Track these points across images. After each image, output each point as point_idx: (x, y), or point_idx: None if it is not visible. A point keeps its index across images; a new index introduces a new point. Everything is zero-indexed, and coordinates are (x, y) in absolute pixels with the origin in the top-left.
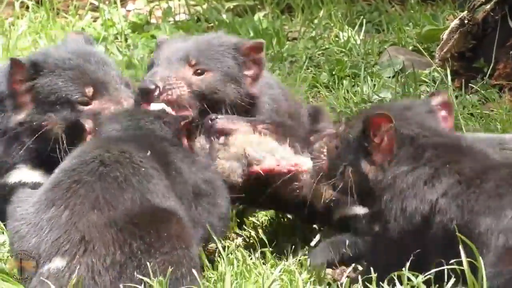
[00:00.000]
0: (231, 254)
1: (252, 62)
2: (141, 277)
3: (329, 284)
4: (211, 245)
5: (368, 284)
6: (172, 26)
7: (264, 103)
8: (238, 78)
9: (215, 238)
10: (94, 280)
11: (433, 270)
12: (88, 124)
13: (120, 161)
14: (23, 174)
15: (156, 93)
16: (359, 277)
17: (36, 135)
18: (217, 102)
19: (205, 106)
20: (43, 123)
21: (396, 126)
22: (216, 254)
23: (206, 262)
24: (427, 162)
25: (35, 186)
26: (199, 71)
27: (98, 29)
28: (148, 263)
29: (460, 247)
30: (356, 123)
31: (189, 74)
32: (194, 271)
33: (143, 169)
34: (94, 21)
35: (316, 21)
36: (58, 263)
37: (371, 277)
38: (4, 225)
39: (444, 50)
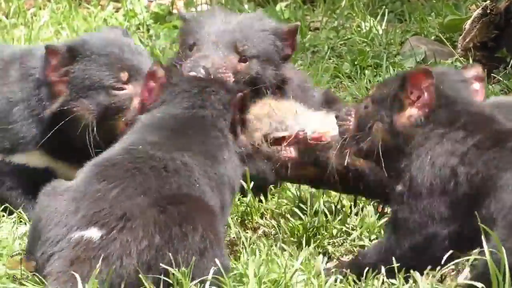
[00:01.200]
0: (253, 244)
1: (288, 45)
2: (164, 266)
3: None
4: (233, 235)
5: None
6: None
7: (292, 84)
8: (276, 62)
9: (237, 229)
10: (122, 260)
11: (454, 262)
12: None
13: (180, 173)
14: (30, 157)
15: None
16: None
17: (65, 120)
18: (257, 85)
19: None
20: (74, 109)
21: (436, 84)
22: (240, 244)
23: (227, 252)
24: (462, 128)
25: (35, 171)
26: (244, 57)
27: (120, 20)
28: (181, 251)
29: (483, 238)
30: (390, 81)
31: (235, 61)
32: (218, 262)
33: (198, 185)
34: (116, 11)
35: (338, 11)
36: (94, 233)
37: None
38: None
39: (467, 40)
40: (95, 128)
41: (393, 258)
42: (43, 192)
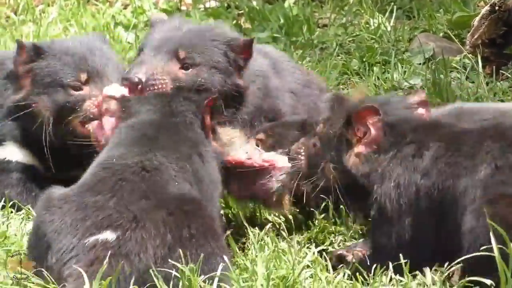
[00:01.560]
0: (261, 240)
1: (242, 57)
2: (173, 262)
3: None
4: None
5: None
6: (202, 13)
7: (252, 93)
8: (226, 70)
9: (246, 224)
10: (139, 257)
11: (460, 259)
12: (92, 128)
13: (159, 168)
14: (8, 151)
15: (139, 86)
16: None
17: (22, 113)
18: (203, 92)
19: None
20: (33, 104)
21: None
22: (248, 241)
23: (236, 248)
24: (410, 143)
25: (17, 165)
26: (186, 65)
27: (128, 16)
28: (188, 252)
29: (491, 234)
30: (335, 119)
31: (175, 68)
32: (226, 259)
33: (177, 183)
34: (125, 8)
35: (346, 7)
36: (108, 235)
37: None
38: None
39: (475, 37)
40: (51, 125)
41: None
42: (40, 206)
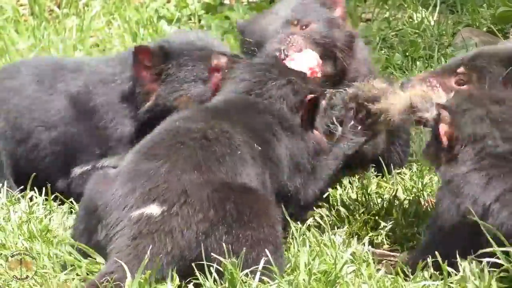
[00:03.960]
0: (304, 235)
1: (335, 5)
2: (215, 256)
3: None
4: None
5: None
6: (246, 7)
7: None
8: (335, 22)
9: (288, 218)
10: (182, 233)
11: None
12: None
13: (221, 140)
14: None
15: (283, 56)
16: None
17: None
18: (332, 47)
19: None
20: (171, 104)
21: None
22: (290, 236)
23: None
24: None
25: None
26: (303, 26)
27: (171, 10)
28: (238, 233)
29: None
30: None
31: (296, 30)
32: (278, 249)
33: (239, 152)
34: (168, 2)
35: (390, 2)
36: (154, 209)
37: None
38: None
39: None
40: None
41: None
42: (92, 181)
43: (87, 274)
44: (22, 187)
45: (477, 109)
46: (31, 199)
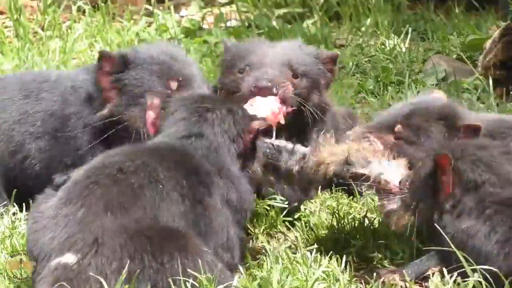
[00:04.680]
0: (278, 253)
1: (329, 70)
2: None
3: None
4: (258, 244)
5: None
6: (224, 31)
7: (333, 112)
8: (320, 85)
9: (263, 237)
10: (100, 283)
11: None
12: (149, 115)
13: (138, 173)
14: None
15: (274, 90)
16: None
17: (116, 128)
18: (304, 106)
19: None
20: (125, 117)
21: (459, 167)
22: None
23: (250, 260)
24: (488, 220)
25: None
26: (297, 75)
27: (152, 34)
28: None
29: None
30: (425, 160)
31: (290, 76)
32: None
33: (161, 186)
34: (149, 26)
35: (363, 28)
36: (69, 258)
37: None
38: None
39: (487, 59)
40: (146, 138)
41: None
42: (30, 219)
43: None
44: (5, 202)
45: (471, 156)
46: (14, 214)
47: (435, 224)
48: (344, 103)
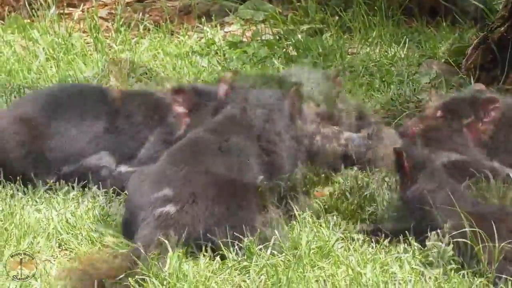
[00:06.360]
0: (304, 219)
1: (338, 85)
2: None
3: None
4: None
5: None
6: (260, 43)
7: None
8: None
9: (293, 205)
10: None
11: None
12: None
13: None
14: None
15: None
16: None
17: None
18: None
19: None
20: None
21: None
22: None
23: (285, 226)
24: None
25: None
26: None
27: (202, 46)
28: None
29: None
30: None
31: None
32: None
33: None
34: (200, 40)
35: (370, 40)
36: (169, 208)
37: None
38: None
39: (469, 62)
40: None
41: None
42: (132, 178)
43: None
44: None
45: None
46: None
47: None
48: (356, 99)
